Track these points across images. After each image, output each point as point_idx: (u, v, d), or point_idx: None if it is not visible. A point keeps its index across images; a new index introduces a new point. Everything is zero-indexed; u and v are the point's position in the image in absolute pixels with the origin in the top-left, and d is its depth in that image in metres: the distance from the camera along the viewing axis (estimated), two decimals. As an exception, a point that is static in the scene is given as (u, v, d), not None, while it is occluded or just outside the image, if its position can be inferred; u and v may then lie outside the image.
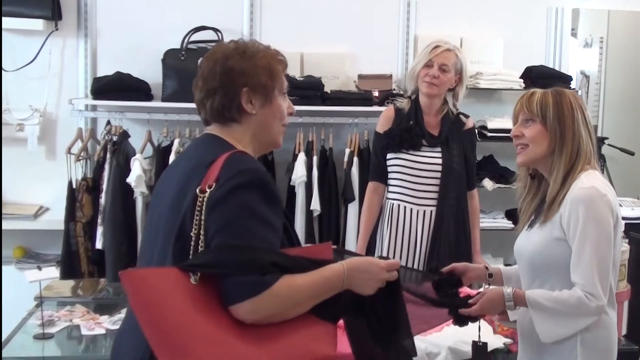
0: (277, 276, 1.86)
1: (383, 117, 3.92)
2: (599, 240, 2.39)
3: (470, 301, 2.55)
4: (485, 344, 2.73)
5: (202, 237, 1.88)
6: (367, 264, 2.09)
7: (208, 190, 1.90)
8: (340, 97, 4.82)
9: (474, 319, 2.61)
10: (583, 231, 2.39)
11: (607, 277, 2.40)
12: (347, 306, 2.08)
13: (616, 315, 2.55)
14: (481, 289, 2.62)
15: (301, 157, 4.70)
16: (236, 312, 1.84)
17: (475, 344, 2.73)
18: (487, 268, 2.78)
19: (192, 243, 1.89)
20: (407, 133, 3.75)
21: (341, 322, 2.10)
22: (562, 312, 2.42)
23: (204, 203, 1.89)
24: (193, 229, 1.89)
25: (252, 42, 2.17)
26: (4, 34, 4.72)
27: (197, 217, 1.89)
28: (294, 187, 4.71)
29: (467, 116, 3.90)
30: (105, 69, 4.85)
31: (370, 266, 2.09)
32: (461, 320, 2.64)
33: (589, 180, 2.44)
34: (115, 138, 4.64)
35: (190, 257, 1.88)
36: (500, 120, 5.00)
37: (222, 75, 2.07)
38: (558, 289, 2.44)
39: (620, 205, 2.56)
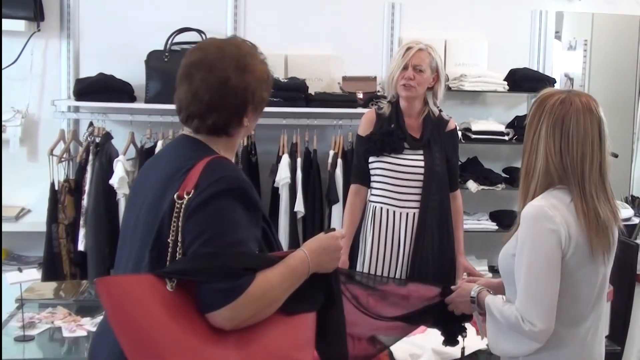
0: (251, 278, 1.85)
1: (364, 120, 3.88)
2: (534, 265, 2.24)
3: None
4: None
5: (179, 244, 1.86)
6: (324, 239, 2.10)
7: (186, 197, 1.88)
8: (325, 99, 4.81)
9: (463, 330, 2.66)
10: (521, 252, 2.27)
11: (543, 303, 2.23)
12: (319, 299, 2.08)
13: (578, 338, 2.36)
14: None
15: (285, 159, 4.69)
16: (214, 320, 1.83)
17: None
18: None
19: (170, 250, 1.87)
20: (389, 137, 3.72)
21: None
22: (504, 326, 2.32)
23: (182, 209, 1.87)
24: (170, 236, 1.87)
25: (248, 46, 2.10)
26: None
27: (175, 224, 1.87)
28: (277, 188, 4.70)
29: (448, 117, 3.88)
30: (88, 70, 4.83)
31: (327, 240, 2.10)
32: (452, 342, 2.68)
33: (542, 198, 2.29)
34: (98, 139, 4.62)
35: (167, 264, 1.86)
36: (485, 123, 5.02)
37: (235, 94, 2.02)
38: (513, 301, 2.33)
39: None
